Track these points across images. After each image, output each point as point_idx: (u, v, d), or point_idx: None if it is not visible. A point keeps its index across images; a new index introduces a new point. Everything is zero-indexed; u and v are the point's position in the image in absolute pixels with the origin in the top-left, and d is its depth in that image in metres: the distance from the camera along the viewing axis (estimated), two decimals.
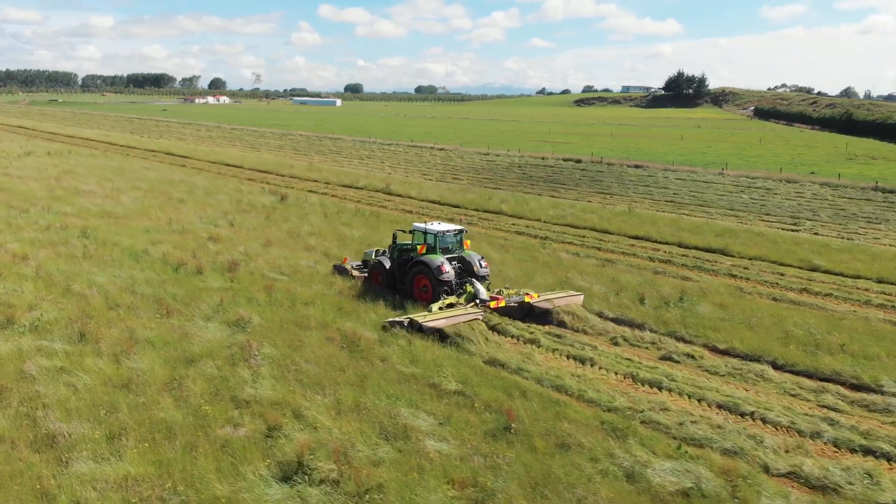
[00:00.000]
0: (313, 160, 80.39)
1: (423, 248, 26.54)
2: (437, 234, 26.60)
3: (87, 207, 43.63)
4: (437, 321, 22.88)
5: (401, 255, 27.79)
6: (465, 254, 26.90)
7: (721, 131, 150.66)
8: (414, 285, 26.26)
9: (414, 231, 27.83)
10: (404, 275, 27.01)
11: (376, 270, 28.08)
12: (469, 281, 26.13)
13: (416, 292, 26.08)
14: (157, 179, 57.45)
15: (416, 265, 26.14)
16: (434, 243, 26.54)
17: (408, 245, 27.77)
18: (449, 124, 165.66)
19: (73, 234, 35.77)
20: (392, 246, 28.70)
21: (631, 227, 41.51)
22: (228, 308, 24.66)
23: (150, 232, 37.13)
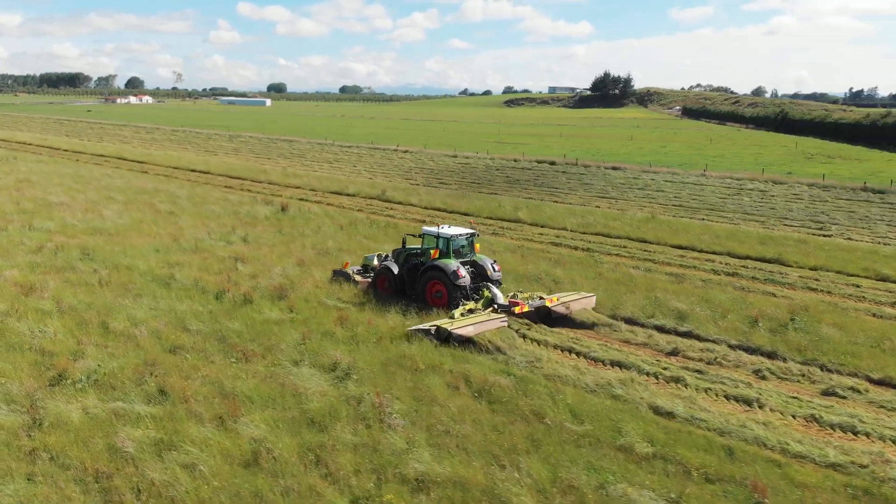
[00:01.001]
0: (280, 164, 75.59)
1: (436, 252, 25.49)
2: (451, 237, 25.58)
3: (71, 223, 38.55)
4: (466, 328, 21.72)
5: (408, 259, 26.63)
6: (476, 257, 26.03)
7: (661, 131, 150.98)
8: (427, 291, 25.16)
9: (424, 235, 26.63)
10: (414, 280, 25.86)
11: (383, 276, 26.78)
12: (485, 285, 25.26)
13: (430, 298, 24.99)
14: (129, 189, 52.16)
15: (430, 270, 25.05)
16: (447, 247, 25.52)
17: (417, 250, 26.66)
18: (392, 125, 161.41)
19: (73, 257, 31.04)
20: (397, 250, 27.50)
21: (667, 235, 38.93)
22: (314, 348, 20.79)
23: (161, 252, 32.58)
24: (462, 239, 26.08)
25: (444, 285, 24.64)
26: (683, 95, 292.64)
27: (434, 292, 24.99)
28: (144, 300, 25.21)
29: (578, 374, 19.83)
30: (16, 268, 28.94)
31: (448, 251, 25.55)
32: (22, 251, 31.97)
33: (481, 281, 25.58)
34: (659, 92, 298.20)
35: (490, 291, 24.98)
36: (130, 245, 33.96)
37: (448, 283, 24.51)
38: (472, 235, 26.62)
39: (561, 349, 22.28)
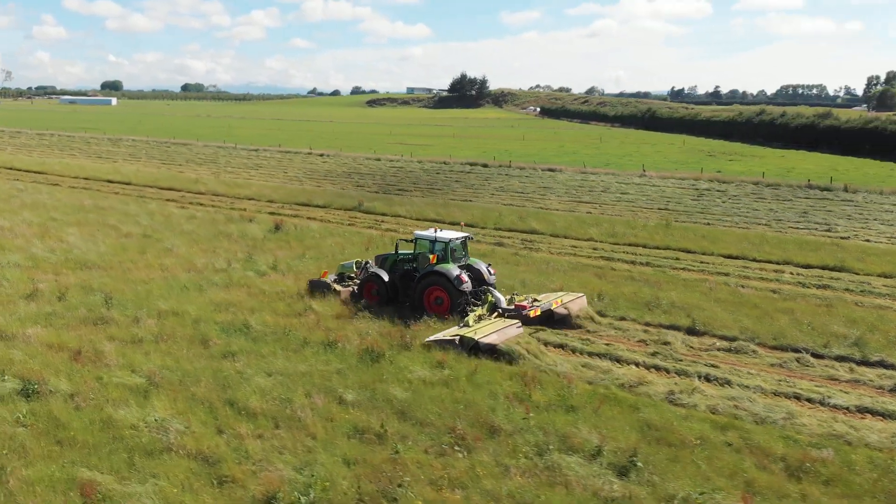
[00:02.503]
0: (202, 172, 67.47)
1: (434, 257, 24.03)
2: (449, 241, 24.27)
3: (40, 255, 31.00)
4: (490, 336, 20.68)
5: (396, 265, 25.31)
6: (471, 261, 25.07)
7: (542, 130, 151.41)
8: (425, 298, 23.78)
9: (417, 240, 25.26)
10: (407, 287, 24.59)
11: (370, 284, 25.07)
12: (487, 290, 24.30)
13: (429, 305, 23.67)
14: (65, 206, 43.87)
15: (430, 276, 23.72)
16: (445, 252, 24.11)
17: (408, 255, 25.30)
18: (271, 126, 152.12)
19: (91, 302, 24.34)
20: (381, 257, 26.22)
21: (706, 243, 36.20)
22: (550, 424, 16.08)
23: (191, 289, 26.30)
24: (458, 243, 24.79)
25: (445, 291, 23.39)
26: (535, 96, 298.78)
27: (434, 299, 23.65)
28: (243, 360, 19.44)
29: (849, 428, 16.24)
30: (34, 323, 22.00)
31: (447, 256, 24.10)
32: (14, 299, 24.69)
33: (478, 285, 24.42)
34: (512, 92, 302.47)
35: (493, 296, 23.94)
36: (141, 281, 27.32)
37: (451, 288, 23.25)
38: (467, 239, 25.55)
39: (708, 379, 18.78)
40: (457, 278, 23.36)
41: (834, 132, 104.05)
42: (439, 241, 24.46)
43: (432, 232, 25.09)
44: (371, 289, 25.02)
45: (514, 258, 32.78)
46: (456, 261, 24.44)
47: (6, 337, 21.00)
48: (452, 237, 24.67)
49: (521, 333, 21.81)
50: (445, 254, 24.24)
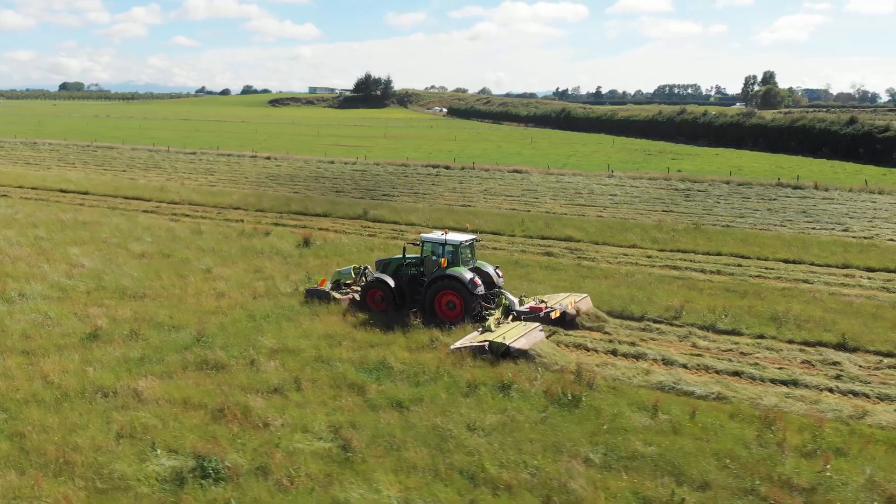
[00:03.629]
0: (155, 178, 61.81)
1: (445, 261, 22.99)
2: (460, 244, 23.19)
3: (66, 283, 26.50)
4: (519, 341, 19.82)
5: (399, 270, 24.17)
6: (479, 264, 24.12)
7: (465, 130, 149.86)
8: (436, 302, 22.72)
9: (424, 243, 23.99)
10: (415, 293, 23.51)
11: (375, 290, 23.82)
12: (499, 292, 23.50)
13: (442, 310, 22.66)
14: (42, 223, 38.46)
15: (441, 280, 22.68)
16: (455, 255, 23.12)
17: (414, 259, 24.19)
18: (183, 126, 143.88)
19: (181, 342, 20.45)
20: (383, 261, 24.93)
21: (756, 248, 34.80)
22: (821, 474, 13.87)
23: (280, 320, 22.58)
24: (466, 246, 23.69)
25: (458, 295, 22.41)
26: (438, 96, 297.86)
27: (446, 303, 22.64)
28: (421, 412, 16.34)
29: None
30: (133, 373, 18.08)
31: (457, 259, 23.12)
32: (75, 341, 20.47)
33: (487, 288, 23.53)
34: (416, 93, 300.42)
35: (507, 298, 23.21)
36: (211, 311, 23.49)
37: (465, 292, 22.30)
38: (474, 241, 24.37)
39: None
40: (471, 282, 22.39)
41: (760, 130, 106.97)
42: (449, 244, 23.25)
43: (442, 235, 23.78)
44: (375, 295, 23.76)
45: (582, 270, 30.40)
46: (465, 264, 23.42)
47: (108, 393, 17.01)
48: (462, 240, 23.45)
49: (544, 338, 20.93)
50: (455, 257, 23.15)
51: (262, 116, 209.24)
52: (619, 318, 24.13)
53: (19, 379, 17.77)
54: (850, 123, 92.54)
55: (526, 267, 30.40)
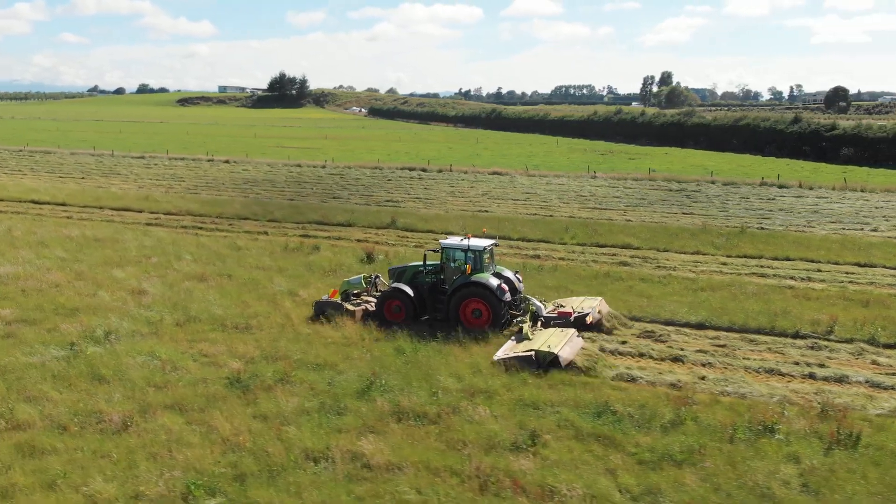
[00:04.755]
0: (120, 185, 56.67)
1: (469, 267, 21.99)
2: (482, 250, 22.28)
3: (150, 316, 22.91)
4: (564, 349, 19.12)
5: (415, 278, 22.95)
6: (498, 269, 23.11)
7: (402, 131, 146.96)
8: (461, 311, 21.69)
9: (444, 249, 22.79)
10: (436, 301, 22.47)
11: (392, 301, 22.51)
12: (525, 298, 22.76)
13: (467, 318, 21.68)
14: (52, 240, 33.96)
15: (466, 287, 21.67)
16: (479, 261, 22.14)
17: (433, 266, 23.07)
18: (105, 127, 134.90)
19: (347, 386, 17.53)
20: (397, 269, 23.74)
21: (822, 252, 33.91)
22: None
23: (430, 354, 19.87)
24: (488, 251, 22.78)
25: (485, 303, 21.51)
26: (355, 96, 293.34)
27: (472, 311, 21.67)
28: (717, 467, 14.10)
29: None
30: (347, 430, 15.15)
31: (480, 265, 22.11)
32: (217, 390, 17.53)
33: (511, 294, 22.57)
34: (333, 93, 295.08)
35: (534, 304, 22.41)
36: (339, 345, 20.47)
37: (493, 299, 21.43)
38: (494, 246, 23.36)
39: None
40: (498, 288, 21.54)
41: (703, 129, 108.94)
42: (473, 250, 22.20)
43: (465, 240, 22.74)
44: (392, 305, 22.46)
45: (687, 282, 28.45)
46: (486, 270, 22.36)
47: (321, 458, 14.16)
48: (486, 245, 22.53)
49: (584, 344, 20.42)
50: (479, 263, 22.13)
51: (177, 116, 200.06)
52: (774, 336, 22.51)
53: (200, 446, 14.57)
54: (794, 122, 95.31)
55: (625, 280, 28.52)
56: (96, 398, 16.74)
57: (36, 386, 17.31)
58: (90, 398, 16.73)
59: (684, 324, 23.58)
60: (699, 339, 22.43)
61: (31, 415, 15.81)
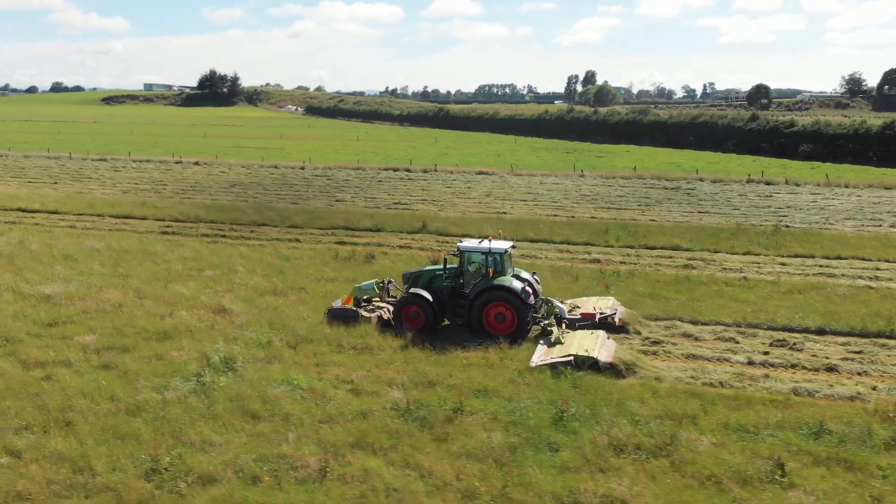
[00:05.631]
0: (98, 189, 52.93)
1: (492, 271, 21.32)
2: (504, 253, 21.62)
3: (242, 335, 20.70)
4: (602, 353, 18.86)
5: (432, 282, 22.06)
6: (517, 271, 22.38)
7: (352, 130, 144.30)
8: (484, 315, 20.89)
9: (464, 252, 21.99)
10: (457, 306, 21.61)
11: (411, 306, 21.54)
12: (548, 301, 22.17)
13: (491, 323, 20.89)
14: (81, 253, 30.95)
15: (489, 291, 20.84)
16: (501, 264, 21.45)
17: (451, 270, 22.17)
18: (37, 128, 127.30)
19: (537, 414, 15.94)
20: (411, 274, 22.67)
21: (867, 250, 33.83)
22: None
23: (558, 373, 18.46)
24: (508, 254, 22.11)
25: (509, 307, 20.72)
26: (289, 94, 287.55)
27: (495, 316, 20.85)
28: None
29: None
30: (588, 477, 13.66)
31: (503, 268, 21.41)
32: (399, 426, 15.66)
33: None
34: (266, 91, 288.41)
35: (556, 306, 21.90)
36: (472, 365, 18.86)
37: (518, 303, 20.69)
38: (511, 248, 22.62)
39: None
40: (523, 291, 20.83)
41: (659, 127, 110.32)
42: (494, 253, 21.46)
43: (486, 243, 21.94)
44: (410, 311, 21.51)
45: (770, 285, 27.67)
46: (506, 273, 21.69)
47: None
48: (507, 247, 21.89)
49: (616, 345, 20.02)
50: (501, 266, 21.47)
51: (108, 116, 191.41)
52: None
53: (429, 495, 12.89)
54: (752, 119, 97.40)
55: (707, 284, 27.65)
56: (269, 440, 14.72)
57: (189, 428, 15.12)
58: (263, 440, 14.70)
59: (803, 330, 22.79)
60: (830, 345, 21.67)
61: (210, 464, 13.70)
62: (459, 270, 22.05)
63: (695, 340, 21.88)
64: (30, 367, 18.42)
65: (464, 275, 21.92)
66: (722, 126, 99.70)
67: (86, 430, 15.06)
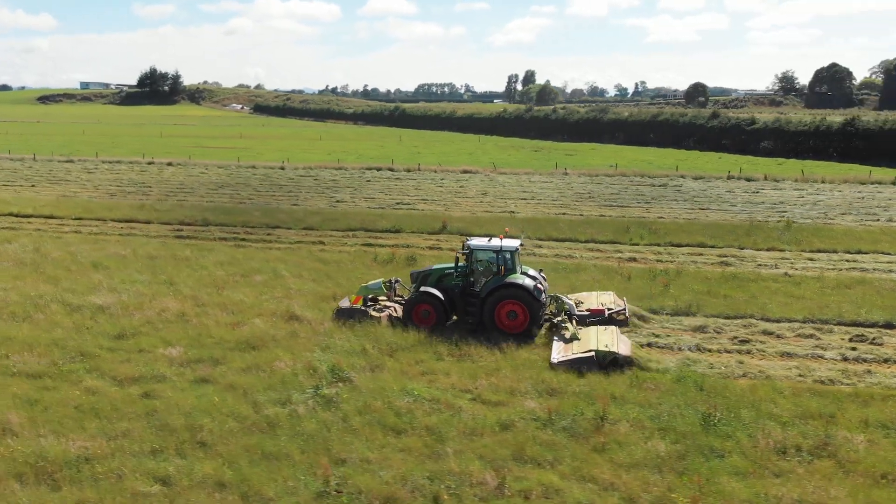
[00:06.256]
0: (89, 193, 50.55)
1: (503, 268, 21.44)
2: (514, 251, 21.77)
3: (336, 343, 19.85)
4: (621, 346, 18.97)
5: (440, 280, 22.10)
6: (524, 269, 22.41)
7: (311, 129, 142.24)
8: (497, 313, 20.90)
9: (475, 250, 21.93)
10: (468, 304, 21.60)
11: (422, 305, 21.48)
12: (558, 297, 22.32)
13: (503, 321, 20.93)
14: (110, 260, 29.37)
15: (502, 289, 20.91)
16: (511, 262, 21.55)
17: (461, 268, 22.14)
18: None
19: (687, 420, 15.65)
20: (420, 272, 22.63)
21: (886, 244, 34.87)
22: None
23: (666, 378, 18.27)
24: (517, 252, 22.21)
25: (522, 304, 20.76)
26: (233, 93, 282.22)
27: (507, 313, 20.88)
28: None
29: None
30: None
31: (514, 266, 21.53)
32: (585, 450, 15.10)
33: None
34: (209, 89, 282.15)
35: (566, 303, 21.96)
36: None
37: (530, 300, 20.76)
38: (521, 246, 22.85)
39: None
40: (535, 288, 20.91)
41: (620, 125, 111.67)
42: (506, 250, 21.56)
43: (496, 241, 22.02)
44: (421, 310, 21.42)
45: (822, 281, 28.02)
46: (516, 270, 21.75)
47: None
48: (516, 245, 22.07)
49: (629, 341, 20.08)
50: (512, 264, 21.58)
51: (46, 115, 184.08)
52: None
53: None
54: (714, 117, 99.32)
55: (756, 281, 27.80)
56: (425, 455, 14.03)
57: (337, 444, 14.32)
58: (418, 456, 14.01)
59: (872, 324, 23.02)
60: None
61: (380, 484, 12.95)
62: (469, 269, 21.98)
63: (777, 338, 21.89)
64: (124, 385, 17.22)
65: (474, 273, 21.90)
66: (683, 124, 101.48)
67: (225, 450, 14.10)
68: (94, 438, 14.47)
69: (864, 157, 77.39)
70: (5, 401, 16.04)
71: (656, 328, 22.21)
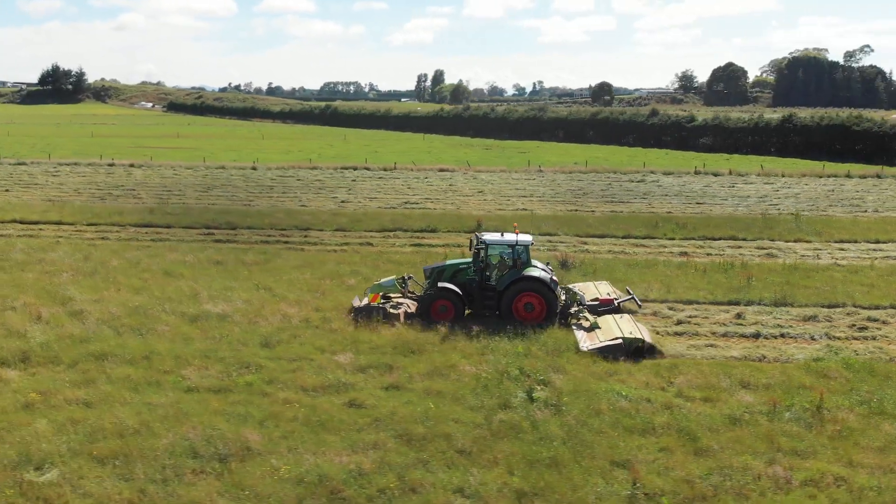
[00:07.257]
0: (70, 197, 47.54)
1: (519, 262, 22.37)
2: (528, 245, 22.63)
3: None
4: (644, 334, 19.80)
5: (455, 276, 22.56)
6: (534, 262, 23.01)
7: (245, 128, 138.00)
8: (514, 305, 21.69)
9: (488, 245, 22.53)
10: (486, 298, 22.18)
11: (441, 300, 21.90)
12: (567, 289, 23.14)
13: (520, 313, 21.66)
14: (142, 270, 27.79)
15: (520, 282, 21.75)
16: (526, 255, 22.43)
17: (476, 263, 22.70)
18: None
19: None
20: (434, 268, 23.07)
21: (888, 233, 37.03)
22: None
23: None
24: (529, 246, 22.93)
25: (538, 296, 21.62)
26: (141, 90, 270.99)
27: (524, 305, 21.65)
28: None
29: None
30: None
31: (528, 260, 22.34)
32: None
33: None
34: (115, 87, 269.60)
35: (577, 295, 22.66)
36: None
37: (546, 292, 21.66)
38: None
39: None
40: (552, 281, 21.90)
41: (560, 123, 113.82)
42: (521, 245, 22.38)
43: (511, 236, 22.69)
44: (439, 305, 21.80)
45: (865, 271, 29.31)
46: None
47: None
48: (530, 240, 22.92)
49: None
50: (524, 258, 22.37)
51: None
52: None
53: None
54: (653, 115, 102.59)
55: (820, 272, 28.97)
56: (688, 452, 14.02)
57: (603, 449, 14.11)
58: (683, 454, 13.97)
59: None
60: None
61: (679, 483, 12.86)
62: (484, 263, 22.41)
63: (884, 324, 22.87)
64: (319, 394, 16.40)
65: (488, 267, 22.37)
66: (623, 122, 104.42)
67: (492, 458, 13.68)
68: (348, 452, 13.73)
69: (802, 152, 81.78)
70: (217, 418, 14.97)
71: (781, 321, 22.72)
